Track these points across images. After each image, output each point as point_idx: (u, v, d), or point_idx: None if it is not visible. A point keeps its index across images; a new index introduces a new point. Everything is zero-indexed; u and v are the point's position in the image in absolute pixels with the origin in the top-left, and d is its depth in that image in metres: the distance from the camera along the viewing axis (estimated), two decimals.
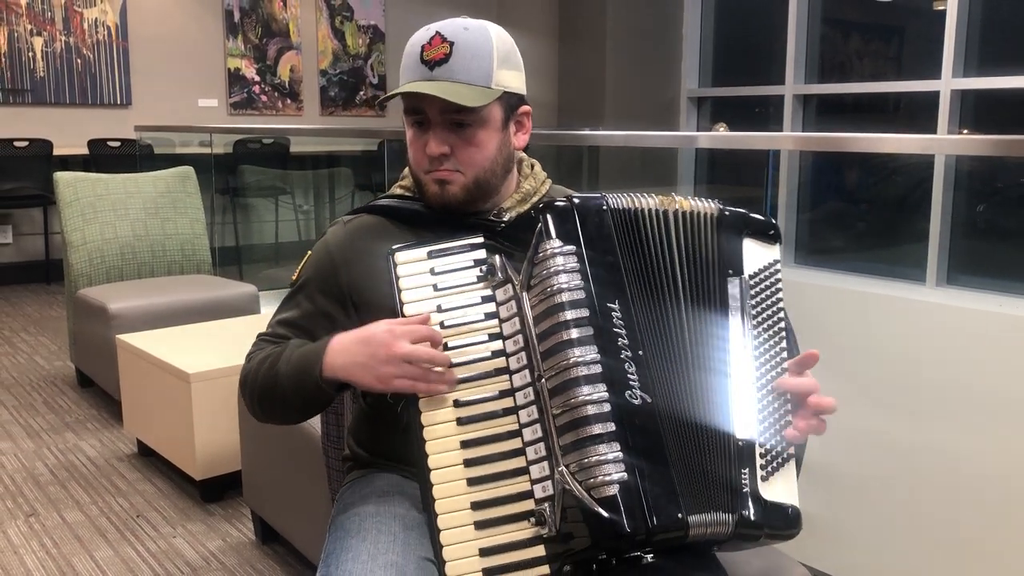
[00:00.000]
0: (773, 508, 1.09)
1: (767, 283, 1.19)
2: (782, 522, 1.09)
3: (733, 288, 1.16)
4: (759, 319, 1.16)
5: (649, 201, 1.18)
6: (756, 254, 1.19)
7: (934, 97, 4.75)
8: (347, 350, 1.17)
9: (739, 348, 1.14)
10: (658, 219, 1.17)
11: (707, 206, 1.20)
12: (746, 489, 1.08)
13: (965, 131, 4.80)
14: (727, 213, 1.20)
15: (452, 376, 1.13)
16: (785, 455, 1.12)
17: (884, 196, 5.38)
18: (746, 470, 1.09)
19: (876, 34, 5.66)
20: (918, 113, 5.11)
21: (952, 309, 2.02)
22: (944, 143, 3.05)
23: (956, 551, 1.95)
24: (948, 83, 4.69)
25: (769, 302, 1.18)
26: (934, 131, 4.75)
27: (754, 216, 1.21)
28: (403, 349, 1.12)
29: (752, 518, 1.07)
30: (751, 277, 1.18)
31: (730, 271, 1.17)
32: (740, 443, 1.10)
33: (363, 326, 1.19)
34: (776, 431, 1.13)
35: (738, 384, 1.12)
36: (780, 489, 1.10)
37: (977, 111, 4.77)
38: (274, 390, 1.25)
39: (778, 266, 1.20)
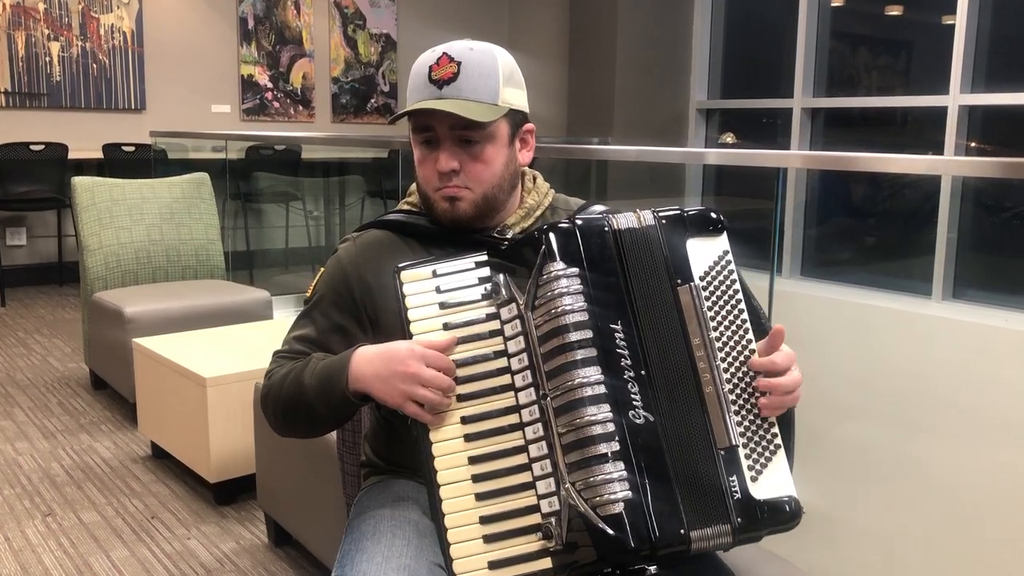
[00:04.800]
0: (768, 505, 1.11)
1: (720, 277, 1.19)
2: (780, 517, 1.12)
3: (684, 296, 1.17)
4: (719, 318, 1.17)
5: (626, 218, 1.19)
6: (704, 251, 1.19)
7: (942, 111, 4.78)
8: (370, 362, 1.21)
9: (703, 356, 1.15)
10: (623, 237, 1.18)
11: (643, 217, 1.19)
12: (738, 495, 1.11)
13: (972, 144, 4.83)
14: (664, 220, 1.19)
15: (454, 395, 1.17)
16: (772, 448, 1.15)
17: (891, 210, 5.41)
18: (734, 476, 1.11)
19: (884, 48, 5.70)
20: (926, 127, 5.14)
21: (958, 323, 2.05)
22: (951, 164, 3.08)
23: (959, 564, 1.97)
24: (956, 98, 4.73)
25: (726, 296, 1.19)
26: (942, 144, 4.78)
27: (691, 214, 1.21)
28: (420, 371, 1.15)
29: (748, 523, 1.10)
30: (703, 277, 1.18)
31: (679, 280, 1.17)
32: (723, 452, 1.12)
33: (386, 341, 1.22)
34: (756, 428, 1.15)
35: (709, 392, 1.14)
36: (773, 484, 1.13)
37: (985, 126, 4.80)
38: (299, 403, 1.28)
39: (728, 256, 1.20)
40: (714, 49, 6.52)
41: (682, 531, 1.07)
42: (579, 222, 1.18)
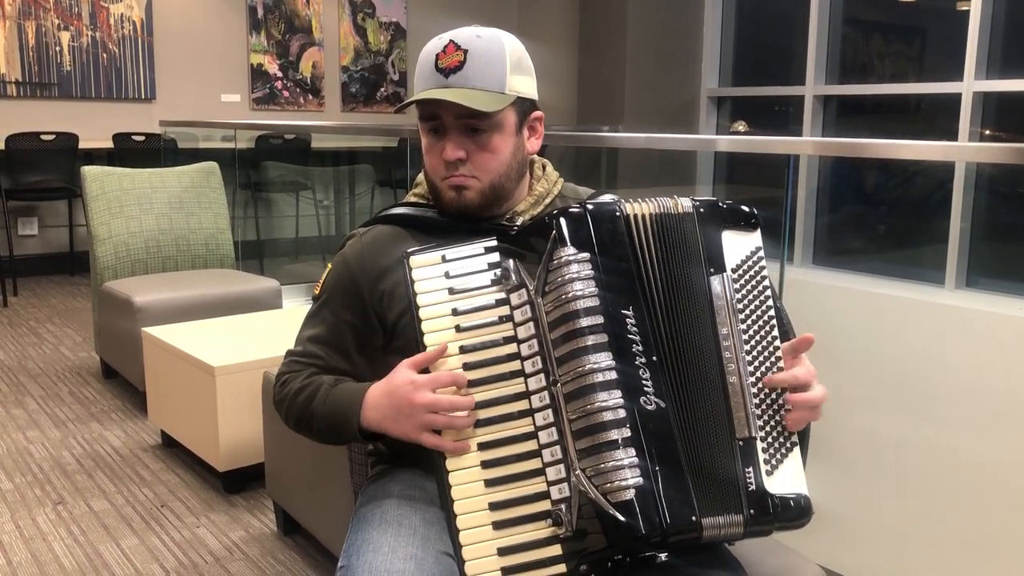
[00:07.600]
0: (781, 501, 1.11)
1: (751, 272, 1.19)
2: (791, 513, 1.12)
3: (716, 286, 1.17)
4: (747, 311, 1.17)
5: (648, 206, 1.19)
6: (737, 245, 1.20)
7: (956, 98, 4.73)
8: (378, 405, 1.22)
9: (729, 346, 1.15)
10: (648, 223, 1.18)
11: (681, 204, 1.19)
12: (752, 487, 1.10)
13: (987, 131, 4.78)
14: (702, 209, 1.20)
15: (474, 417, 1.16)
16: (788, 445, 1.15)
17: (904, 197, 5.36)
18: (750, 468, 1.11)
19: (898, 35, 5.64)
20: (940, 114, 5.09)
21: (971, 312, 2.02)
22: (965, 150, 3.04)
23: (973, 554, 1.96)
24: (970, 85, 4.67)
25: (756, 291, 1.18)
26: (956, 132, 4.73)
27: (729, 206, 1.21)
28: (424, 399, 1.16)
29: (761, 515, 1.10)
30: (735, 270, 1.18)
31: (712, 269, 1.17)
32: (740, 442, 1.12)
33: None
34: (776, 423, 1.15)
35: (733, 382, 1.14)
36: (786, 480, 1.13)
37: (999, 113, 4.75)
38: (310, 425, 1.33)
39: (760, 253, 1.21)
40: (725, 36, 6.47)
41: (693, 518, 1.06)
42: (590, 207, 1.16)
